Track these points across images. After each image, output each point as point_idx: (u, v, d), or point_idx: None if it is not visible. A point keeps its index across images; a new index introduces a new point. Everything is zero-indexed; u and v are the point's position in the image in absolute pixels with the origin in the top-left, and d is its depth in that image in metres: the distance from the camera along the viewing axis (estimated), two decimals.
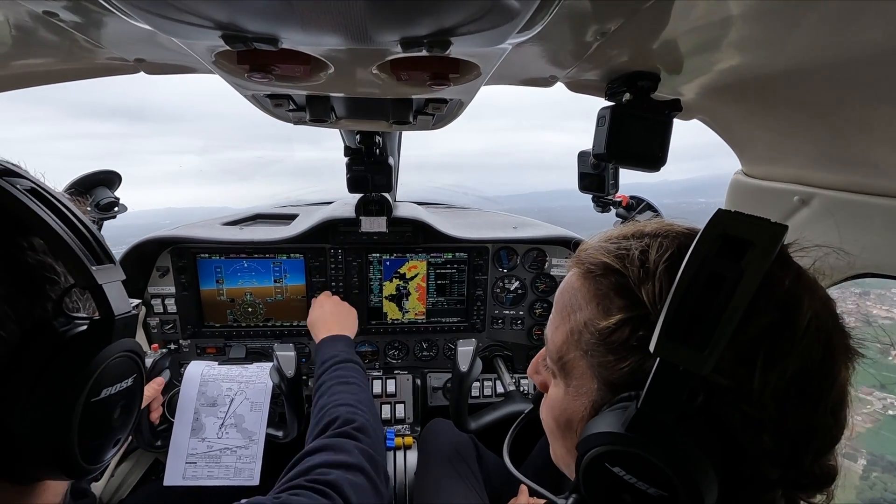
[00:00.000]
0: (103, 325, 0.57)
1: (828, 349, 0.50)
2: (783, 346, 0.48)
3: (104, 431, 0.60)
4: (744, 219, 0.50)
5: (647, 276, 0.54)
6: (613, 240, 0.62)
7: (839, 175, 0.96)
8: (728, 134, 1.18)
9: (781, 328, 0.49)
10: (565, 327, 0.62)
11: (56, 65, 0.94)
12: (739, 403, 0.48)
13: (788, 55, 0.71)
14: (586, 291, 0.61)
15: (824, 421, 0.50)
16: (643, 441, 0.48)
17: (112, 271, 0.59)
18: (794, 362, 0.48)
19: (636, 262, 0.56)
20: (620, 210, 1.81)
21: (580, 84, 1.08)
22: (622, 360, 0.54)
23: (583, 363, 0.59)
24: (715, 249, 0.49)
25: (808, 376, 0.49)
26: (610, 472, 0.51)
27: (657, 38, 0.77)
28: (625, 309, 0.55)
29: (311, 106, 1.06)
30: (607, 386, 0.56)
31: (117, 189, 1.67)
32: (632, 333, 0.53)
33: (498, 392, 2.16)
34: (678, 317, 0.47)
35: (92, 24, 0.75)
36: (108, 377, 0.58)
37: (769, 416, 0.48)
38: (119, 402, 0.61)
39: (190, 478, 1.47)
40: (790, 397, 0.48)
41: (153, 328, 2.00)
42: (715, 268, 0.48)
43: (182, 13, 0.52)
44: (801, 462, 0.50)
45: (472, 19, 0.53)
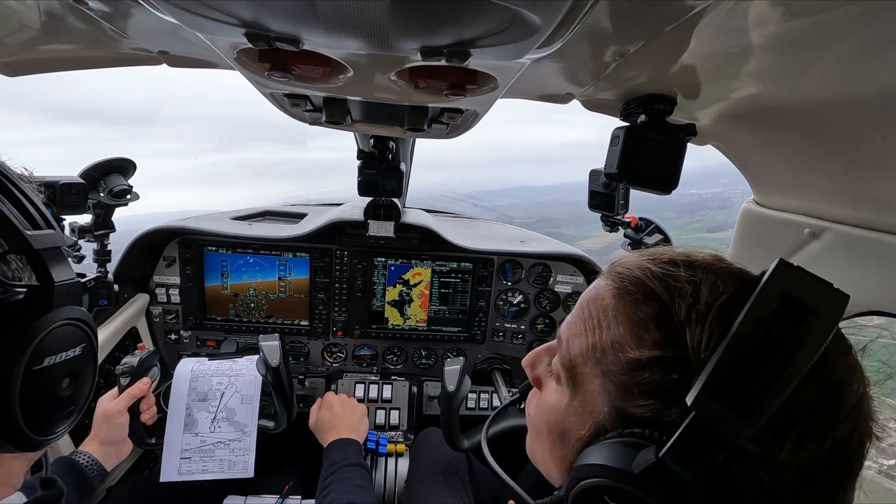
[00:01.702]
0: (42, 293, 0.55)
1: (861, 438, 0.48)
2: (823, 426, 0.46)
3: (52, 401, 0.58)
4: (808, 279, 0.46)
5: (697, 318, 0.50)
6: (660, 263, 0.57)
7: (852, 210, 0.95)
8: (742, 162, 1.17)
9: (825, 409, 0.47)
10: (587, 340, 0.58)
11: (81, 52, 0.96)
12: (759, 472, 0.46)
13: (808, 87, 0.71)
14: (620, 312, 0.56)
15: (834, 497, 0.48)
16: (657, 491, 0.46)
17: (52, 236, 0.57)
18: (828, 444, 0.46)
19: (686, 297, 0.52)
20: (629, 231, 1.81)
21: (596, 103, 1.08)
22: (645, 398, 0.51)
23: (597, 382, 0.56)
24: (773, 309, 0.45)
25: (837, 461, 0.47)
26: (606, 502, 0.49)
27: (676, 62, 0.77)
28: (662, 346, 0.51)
29: (328, 107, 1.07)
30: (619, 414, 0.53)
31: (131, 177, 1.68)
32: (665, 375, 0.50)
33: (494, 405, 2.14)
34: (725, 375, 0.44)
35: (119, 14, 0.76)
36: (50, 345, 0.56)
37: (785, 491, 0.46)
38: (66, 371, 0.59)
39: (185, 473, 1.47)
40: (813, 478, 0.47)
41: (156, 317, 2.01)
42: (773, 331, 0.44)
43: (209, 9, 0.53)
44: None
45: (492, 32, 0.53)
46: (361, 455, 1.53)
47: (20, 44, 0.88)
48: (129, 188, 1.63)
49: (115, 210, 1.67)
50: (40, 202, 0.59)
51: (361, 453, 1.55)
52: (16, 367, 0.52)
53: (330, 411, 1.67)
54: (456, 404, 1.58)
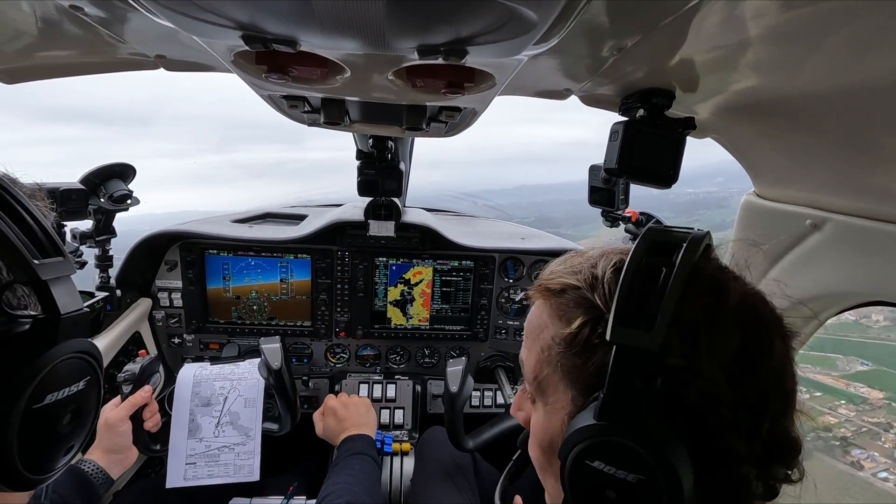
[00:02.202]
0: (47, 325, 0.53)
1: (759, 323, 0.57)
2: (718, 323, 0.55)
3: (50, 440, 0.55)
4: (672, 230, 0.60)
5: (596, 282, 0.61)
6: (567, 264, 0.68)
7: (853, 201, 0.95)
8: (742, 154, 1.17)
9: (714, 309, 0.55)
10: (536, 348, 0.67)
11: (78, 57, 0.96)
12: (694, 380, 0.52)
13: (807, 79, 0.71)
14: (549, 310, 0.66)
15: (770, 386, 0.55)
16: (613, 427, 0.52)
17: (60, 266, 0.55)
18: (733, 337, 0.54)
19: (587, 273, 0.63)
20: (629, 226, 1.80)
21: (594, 98, 1.08)
22: (588, 360, 0.58)
23: (555, 377, 0.63)
24: (651, 252, 0.57)
25: (747, 348, 0.55)
26: (591, 469, 0.53)
27: (674, 55, 0.77)
28: (584, 313, 0.60)
29: (326, 108, 1.07)
30: (581, 393, 0.60)
31: (131, 182, 1.68)
32: (592, 332, 0.59)
33: (498, 403, 2.15)
34: (626, 306, 0.54)
35: (115, 19, 0.76)
36: (53, 381, 0.53)
37: (722, 388, 0.53)
38: (68, 407, 0.56)
39: (191, 478, 1.47)
40: (736, 369, 0.54)
41: (158, 321, 2.01)
42: (652, 264, 0.55)
43: (204, 12, 0.53)
44: (760, 429, 0.54)
45: (489, 30, 0.53)
46: (369, 445, 1.52)
47: (17, 51, 0.88)
48: (130, 193, 1.63)
49: (116, 215, 1.67)
50: (50, 224, 0.57)
51: (370, 444, 1.53)
52: (15, 407, 0.49)
53: (334, 417, 1.66)
54: (459, 405, 1.58)
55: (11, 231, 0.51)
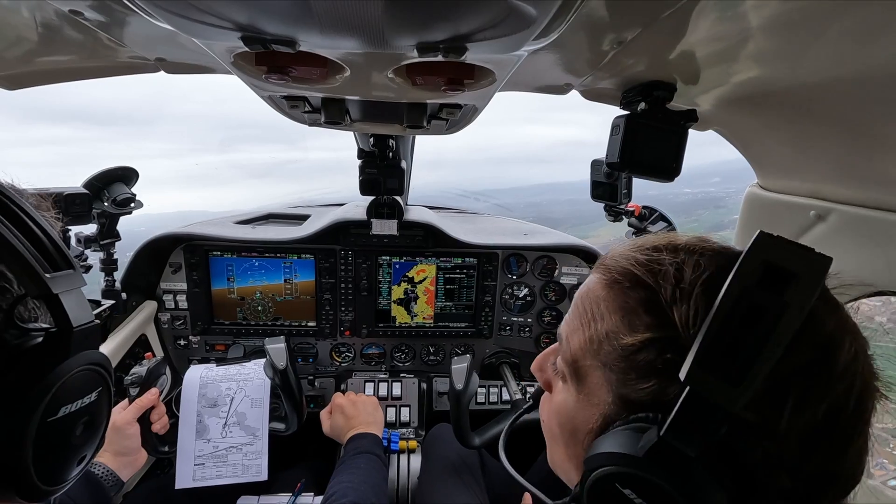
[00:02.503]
0: (60, 338, 0.53)
1: (861, 395, 0.48)
2: (818, 388, 0.47)
3: (64, 451, 0.56)
4: (788, 247, 0.47)
5: (681, 296, 0.51)
6: (644, 250, 0.58)
7: (857, 190, 0.94)
8: (744, 146, 1.17)
9: (819, 370, 0.47)
10: (584, 334, 0.60)
11: (79, 62, 0.96)
12: (762, 441, 0.47)
13: (809, 68, 0.70)
14: (611, 302, 0.58)
15: (849, 465, 0.49)
16: (662, 471, 0.47)
17: (70, 278, 0.54)
18: (826, 406, 0.47)
19: (670, 279, 0.53)
20: (633, 220, 1.80)
21: (595, 92, 1.08)
22: (644, 381, 0.52)
23: (599, 374, 0.57)
24: (756, 278, 0.46)
25: (838, 421, 0.47)
26: (620, 492, 0.50)
27: (674, 47, 0.77)
28: (653, 328, 0.53)
29: (327, 108, 1.07)
30: (622, 402, 0.54)
31: (134, 185, 1.69)
32: (658, 355, 0.51)
33: (504, 399, 2.15)
34: (713, 346, 0.45)
35: (115, 23, 0.76)
36: (66, 394, 0.54)
37: (791, 456, 0.47)
38: (81, 418, 0.57)
39: (200, 479, 1.49)
40: (817, 440, 0.47)
41: (164, 324, 2.02)
42: (756, 299, 0.45)
43: (203, 14, 0.53)
44: (817, 501, 0.49)
45: (488, 26, 0.53)
46: (376, 444, 1.53)
47: (18, 57, 0.88)
48: (133, 196, 1.64)
49: (119, 218, 1.68)
50: (58, 235, 0.56)
51: (377, 442, 1.54)
52: (31, 420, 0.50)
53: (342, 414, 1.67)
54: (465, 402, 1.59)
55: (22, 245, 0.50)
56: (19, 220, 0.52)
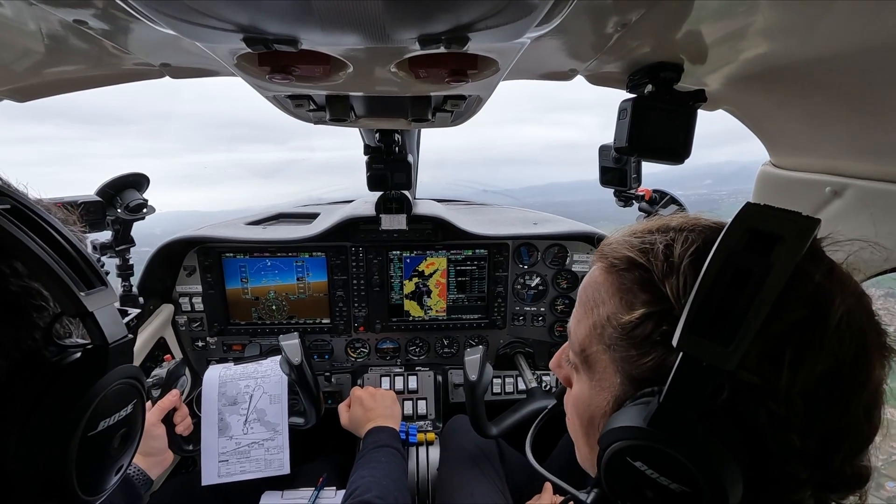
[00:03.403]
0: (97, 354, 0.54)
1: (861, 347, 0.48)
2: (813, 343, 0.47)
3: (103, 463, 0.57)
4: (773, 212, 0.48)
5: (671, 270, 0.53)
6: (638, 234, 0.60)
7: (873, 164, 0.92)
8: (755, 124, 1.15)
9: (811, 325, 0.47)
10: (588, 321, 0.62)
11: (86, 71, 0.97)
12: (766, 401, 0.47)
13: (819, 42, 0.68)
14: (609, 286, 0.60)
15: (856, 421, 0.49)
16: (665, 436, 0.48)
17: (104, 295, 0.55)
18: (825, 360, 0.47)
19: (660, 256, 0.55)
20: (643, 204, 1.78)
21: (601, 77, 1.06)
22: (645, 355, 0.53)
23: (605, 357, 0.59)
24: (742, 243, 0.47)
25: (840, 375, 0.47)
26: (632, 466, 0.50)
27: (680, 27, 0.75)
28: (648, 303, 0.54)
29: (331, 105, 1.07)
30: (630, 381, 0.56)
31: (146, 191, 1.71)
32: (655, 328, 0.53)
33: (520, 389, 2.15)
34: (702, 311, 0.46)
35: (119, 30, 0.77)
36: (105, 409, 0.55)
37: (797, 414, 0.47)
38: (119, 431, 0.58)
39: (225, 475, 1.52)
40: (820, 396, 0.47)
41: (182, 326, 2.05)
42: (742, 262, 0.46)
43: (205, 17, 0.53)
44: (831, 462, 0.49)
45: (490, 14, 0.53)
46: (394, 437, 1.54)
47: (27, 69, 0.89)
48: (145, 202, 1.66)
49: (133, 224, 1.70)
50: (88, 251, 0.57)
51: (395, 436, 1.56)
52: (73, 436, 0.51)
53: (361, 406, 1.69)
54: (479, 393, 1.59)
55: (57, 264, 0.51)
56: (51, 237, 0.53)
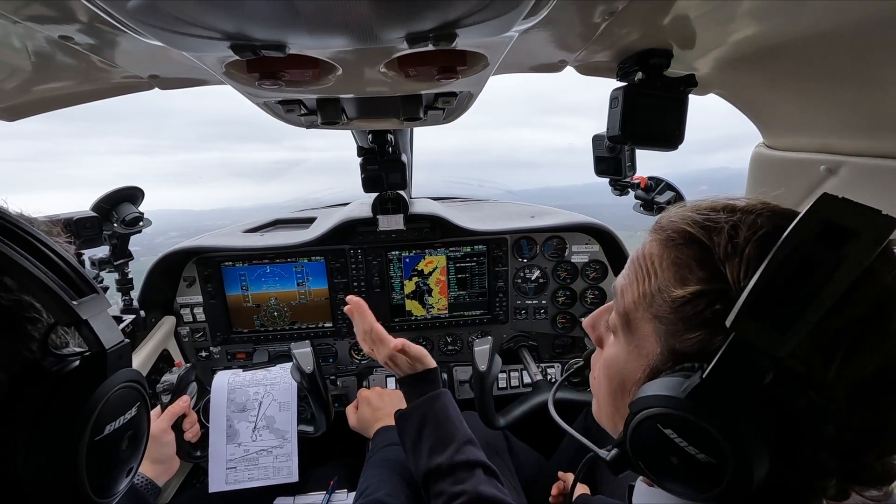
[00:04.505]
0: (96, 361, 0.55)
1: None
2: (869, 342, 0.46)
3: (113, 466, 0.58)
4: (851, 206, 0.46)
5: (734, 251, 0.52)
6: (701, 211, 0.59)
7: (867, 141, 0.92)
8: (747, 106, 1.15)
9: (871, 325, 0.47)
10: (637, 289, 0.61)
11: (75, 87, 0.97)
12: (808, 391, 0.47)
13: (806, 21, 0.68)
14: (665, 258, 0.59)
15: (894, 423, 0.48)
16: (704, 411, 0.48)
17: (96, 302, 0.56)
18: (877, 360, 0.46)
19: (725, 236, 0.54)
20: (639, 192, 1.78)
21: (590, 67, 1.06)
22: (691, 331, 0.53)
23: (649, 326, 0.59)
24: (814, 234, 0.46)
25: (889, 376, 0.47)
26: (661, 433, 0.52)
27: (667, 12, 0.75)
28: (704, 281, 0.53)
29: (322, 109, 1.06)
30: (671, 353, 0.56)
31: (140, 204, 1.71)
32: (707, 306, 0.52)
33: (525, 382, 2.16)
34: (762, 296, 0.45)
35: (106, 44, 0.77)
36: (109, 413, 0.56)
37: (838, 408, 0.47)
38: (125, 433, 0.59)
39: (232, 482, 1.52)
40: (865, 394, 0.47)
41: (184, 337, 2.05)
42: (811, 253, 0.45)
43: (191, 27, 0.53)
44: (864, 457, 0.49)
45: (476, 9, 0.52)
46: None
47: (15, 87, 0.89)
48: (141, 215, 1.66)
49: (131, 238, 1.70)
50: (75, 260, 0.57)
51: None
52: (81, 441, 0.52)
53: (369, 406, 1.69)
54: (489, 383, 1.59)
55: (45, 275, 0.51)
56: (37, 249, 0.53)
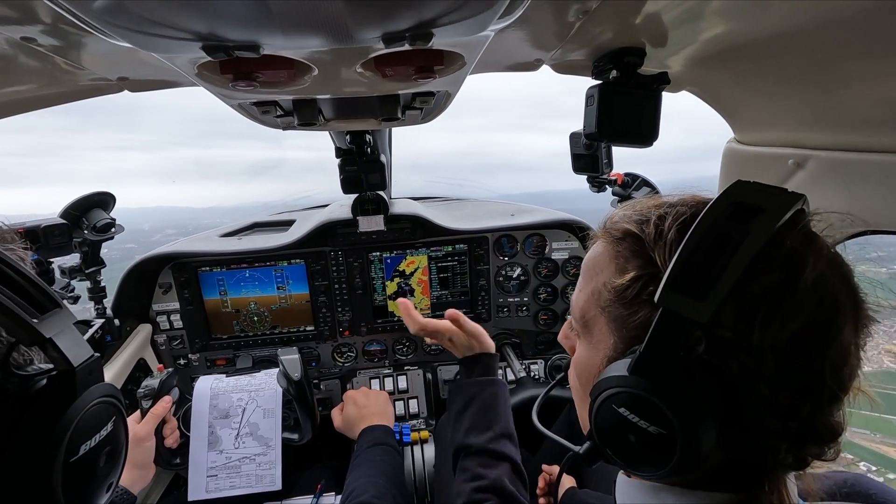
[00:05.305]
0: (64, 380, 0.52)
1: (832, 309, 0.52)
2: (784, 303, 0.51)
3: (92, 483, 0.56)
4: (760, 188, 0.53)
5: (660, 237, 0.58)
6: (637, 209, 0.65)
7: (832, 135, 0.96)
8: (718, 102, 1.17)
9: (784, 287, 0.51)
10: (588, 289, 0.67)
11: (40, 90, 0.94)
12: (738, 354, 0.51)
13: (773, 19, 0.70)
14: (607, 255, 0.65)
15: (822, 376, 0.52)
16: (645, 383, 0.53)
17: (59, 317, 0.53)
18: (796, 319, 0.50)
19: (652, 225, 0.60)
20: (616, 188, 1.81)
21: (566, 65, 1.07)
22: (634, 314, 0.58)
23: (601, 320, 0.64)
24: (726, 214, 0.52)
25: (809, 333, 0.51)
26: (617, 413, 0.56)
27: (640, 11, 0.76)
28: (639, 268, 0.59)
29: (299, 110, 1.05)
30: (622, 339, 0.61)
31: (112, 210, 1.66)
32: (643, 289, 0.58)
33: (509, 380, 2.17)
34: (683, 271, 0.51)
35: (71, 46, 0.74)
36: (83, 432, 0.53)
37: (767, 367, 0.51)
38: (103, 450, 0.57)
39: (213, 490, 1.49)
40: (790, 352, 0.51)
41: (161, 345, 2.00)
42: (723, 229, 0.51)
43: (160, 27, 0.51)
44: (799, 413, 0.52)
45: (451, 9, 0.52)
46: (389, 434, 1.53)
47: None
48: (113, 221, 1.61)
49: (102, 245, 1.65)
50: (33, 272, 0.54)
51: (389, 433, 1.55)
52: (55, 465, 0.50)
53: (354, 405, 1.68)
54: None
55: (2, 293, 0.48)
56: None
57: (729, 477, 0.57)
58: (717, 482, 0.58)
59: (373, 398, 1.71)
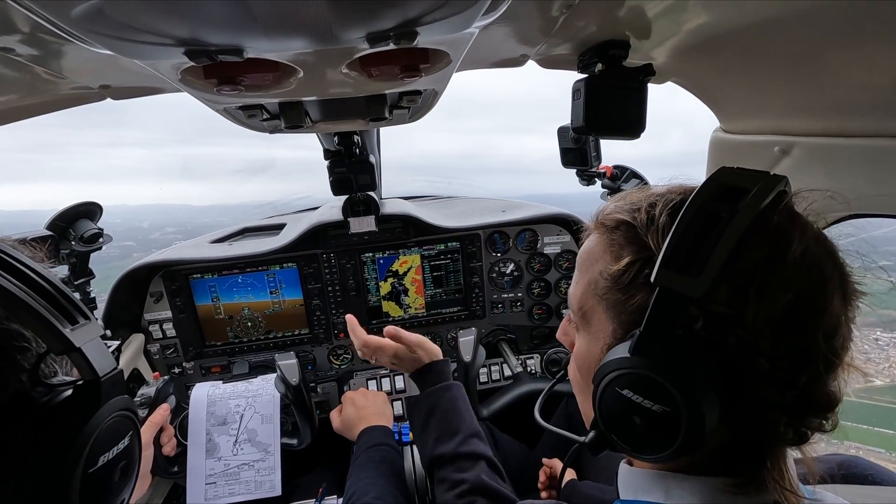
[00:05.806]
0: (90, 390, 0.53)
1: (819, 281, 0.54)
2: (774, 277, 0.53)
3: (106, 497, 0.57)
4: (745, 171, 0.56)
5: (652, 222, 0.60)
6: (628, 200, 0.67)
7: (816, 121, 0.97)
8: (703, 93, 1.18)
9: (772, 261, 0.53)
10: (584, 280, 0.68)
11: (20, 100, 0.92)
12: (735, 329, 0.53)
13: (753, 10, 0.71)
14: (602, 245, 0.66)
15: (816, 345, 0.54)
16: (647, 361, 0.54)
17: (89, 328, 0.54)
18: (787, 292, 0.53)
19: (643, 212, 0.62)
20: (606, 181, 1.82)
21: (552, 60, 1.07)
22: (631, 298, 0.60)
23: (599, 309, 0.65)
24: (714, 197, 0.55)
25: (800, 305, 0.53)
26: (621, 395, 0.57)
27: (623, 4, 0.77)
28: (633, 253, 0.61)
29: (285, 113, 1.04)
30: (620, 326, 0.62)
31: (99, 219, 1.64)
32: (638, 272, 0.59)
33: (506, 375, 2.18)
34: (676, 250, 0.53)
35: (50, 55, 0.73)
36: (103, 444, 0.54)
37: (764, 340, 0.52)
38: (119, 464, 0.57)
39: (212, 498, 1.48)
40: (784, 324, 0.52)
41: (154, 354, 1.98)
42: (712, 210, 0.54)
43: (141, 33, 0.51)
44: (796, 382, 0.54)
45: (435, 7, 0.52)
46: (388, 435, 1.53)
47: None
48: (101, 231, 1.59)
49: (91, 255, 1.63)
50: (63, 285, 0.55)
51: (389, 434, 1.54)
52: (74, 475, 0.50)
53: (353, 405, 1.68)
54: (473, 374, 1.60)
55: (37, 302, 0.50)
56: (25, 276, 0.51)
57: (731, 459, 0.58)
58: (719, 466, 0.59)
59: (371, 399, 1.71)
